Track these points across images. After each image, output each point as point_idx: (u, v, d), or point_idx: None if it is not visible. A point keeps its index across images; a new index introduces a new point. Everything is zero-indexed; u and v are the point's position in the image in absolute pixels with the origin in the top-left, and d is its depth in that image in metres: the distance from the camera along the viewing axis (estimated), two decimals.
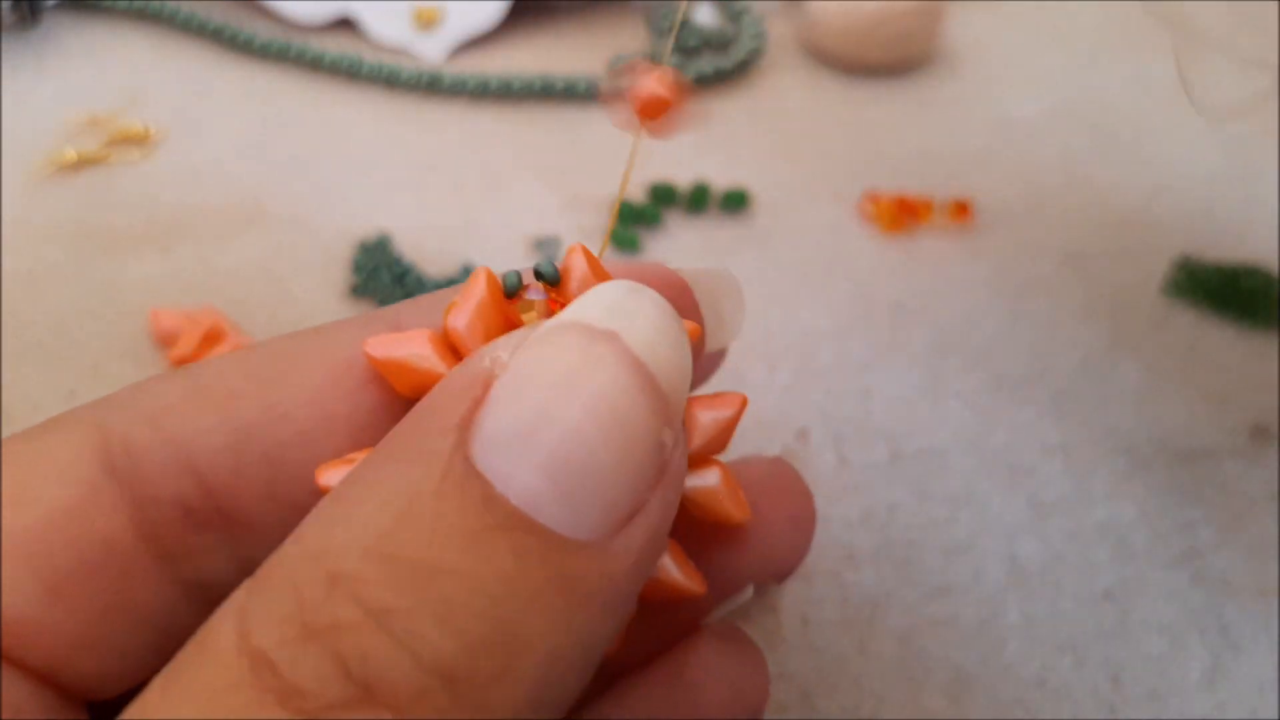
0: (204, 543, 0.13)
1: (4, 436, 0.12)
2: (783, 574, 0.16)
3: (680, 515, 0.13)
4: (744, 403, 0.13)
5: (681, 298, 0.14)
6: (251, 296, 0.28)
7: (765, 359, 0.27)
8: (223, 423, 0.12)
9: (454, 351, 0.12)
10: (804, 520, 0.15)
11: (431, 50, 0.37)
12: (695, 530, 0.14)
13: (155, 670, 0.12)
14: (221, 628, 0.10)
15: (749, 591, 0.16)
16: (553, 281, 0.13)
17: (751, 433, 0.24)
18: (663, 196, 0.31)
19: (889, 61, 0.36)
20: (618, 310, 0.11)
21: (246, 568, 0.13)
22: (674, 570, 0.13)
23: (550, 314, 0.12)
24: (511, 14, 0.38)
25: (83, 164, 0.32)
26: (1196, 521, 0.23)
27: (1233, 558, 0.23)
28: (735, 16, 0.38)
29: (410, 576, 0.10)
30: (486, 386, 0.11)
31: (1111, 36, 0.39)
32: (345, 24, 0.38)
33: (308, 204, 0.31)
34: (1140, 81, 0.37)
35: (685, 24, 0.38)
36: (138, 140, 0.33)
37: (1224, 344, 0.28)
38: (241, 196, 0.31)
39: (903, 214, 0.31)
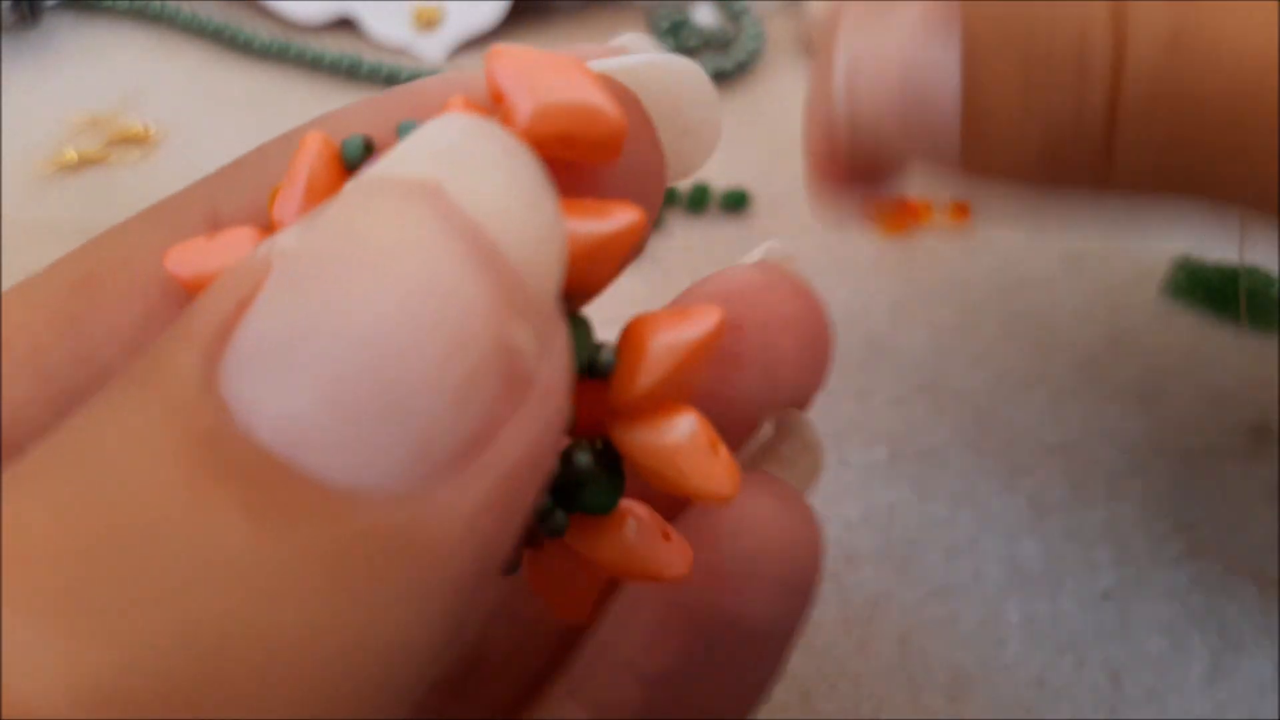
0: None
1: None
2: (802, 399, 0.13)
3: (635, 485, 0.10)
4: (721, 320, 0.10)
5: (635, 114, 0.10)
6: None
7: None
8: (37, 389, 0.10)
9: None
10: (812, 330, 0.12)
11: (432, 50, 0.37)
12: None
13: None
14: None
15: (767, 429, 0.12)
16: None
17: None
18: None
19: None
20: (443, 155, 0.08)
21: None
22: (638, 545, 0.10)
23: None
24: (511, 14, 0.38)
25: (83, 164, 0.32)
26: (1196, 522, 0.23)
27: (1233, 558, 0.23)
28: (735, 16, 0.38)
29: (81, 557, 0.06)
30: (259, 284, 0.07)
31: None
32: (345, 24, 0.38)
33: None
34: None
35: (685, 24, 0.38)
36: (138, 140, 0.33)
37: (1224, 344, 0.28)
38: None
39: (903, 215, 0.31)
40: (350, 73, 0.35)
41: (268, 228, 0.09)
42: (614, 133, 0.09)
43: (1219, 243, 0.30)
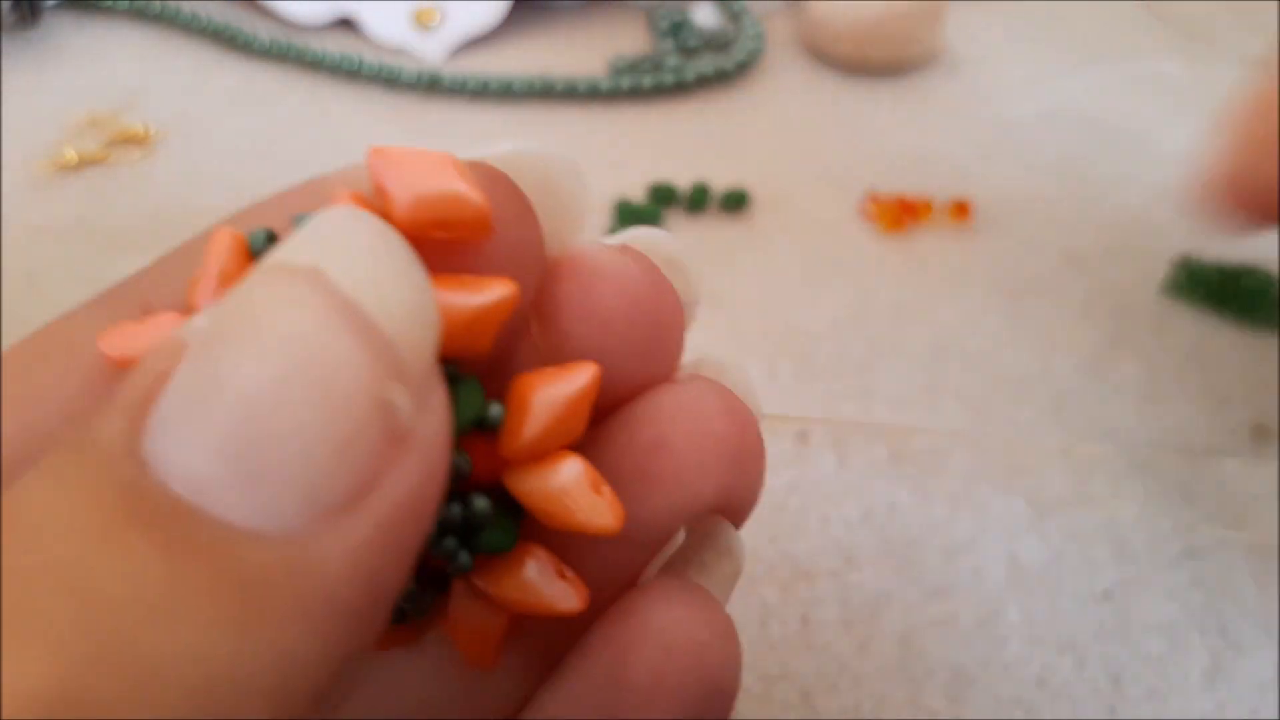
0: None
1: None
2: (735, 511, 0.13)
3: (534, 524, 0.11)
4: (596, 374, 0.10)
5: (508, 193, 0.11)
6: None
7: (765, 359, 0.27)
8: None
9: None
10: (736, 442, 0.12)
11: (431, 50, 0.37)
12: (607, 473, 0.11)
13: None
14: None
15: (679, 537, 0.13)
16: None
17: None
18: (662, 196, 0.31)
19: (889, 62, 0.36)
20: (322, 242, 0.09)
21: None
22: (538, 583, 0.11)
23: None
24: (511, 14, 0.38)
25: (83, 164, 0.32)
26: (1196, 521, 0.23)
27: (1233, 558, 0.23)
28: (735, 16, 0.38)
29: (13, 590, 0.07)
30: (177, 359, 0.08)
31: (1111, 36, 0.40)
32: (345, 24, 0.38)
33: None
34: (1141, 81, 0.37)
35: (685, 24, 0.38)
36: (138, 140, 0.33)
37: (1225, 344, 0.28)
38: (241, 197, 0.31)
39: (903, 214, 0.31)
40: (350, 73, 0.35)
41: (188, 313, 0.10)
42: (480, 214, 0.10)
43: (1219, 242, 0.30)
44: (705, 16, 0.39)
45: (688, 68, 0.36)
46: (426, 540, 0.09)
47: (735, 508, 0.13)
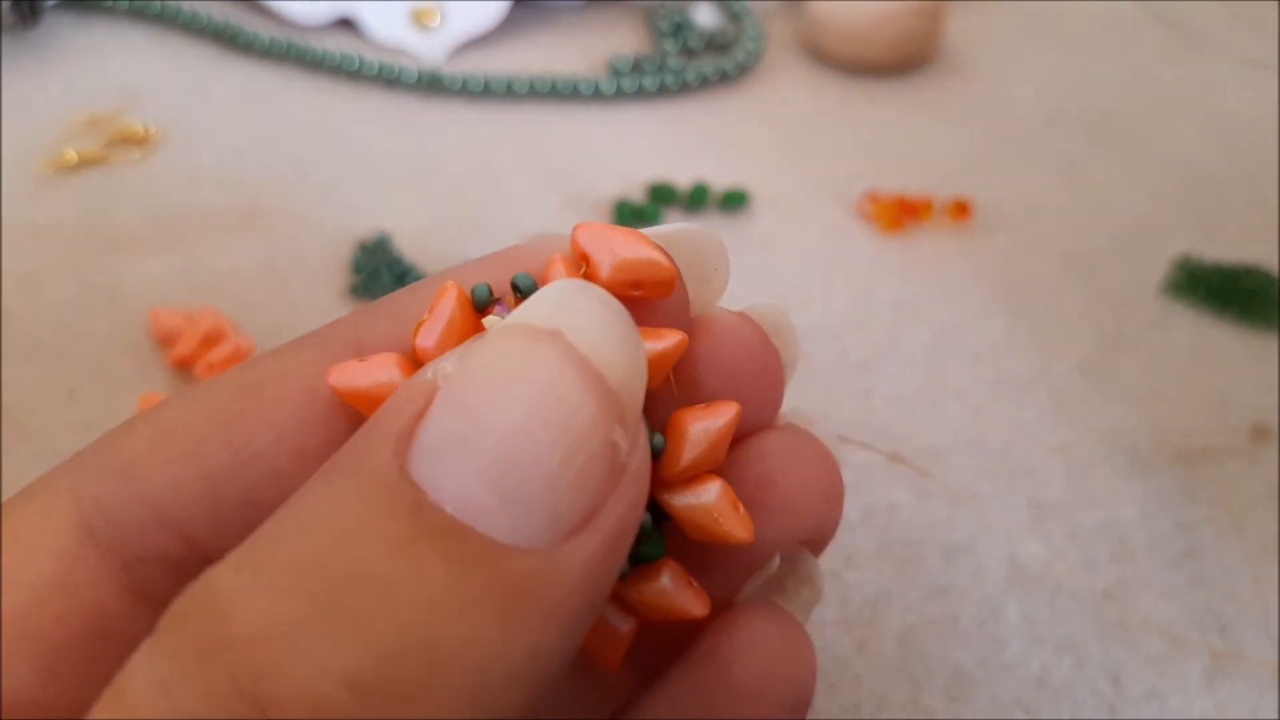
0: None
1: (4, 437, 0.12)
2: (816, 543, 0.15)
3: (677, 536, 0.13)
4: (738, 412, 0.13)
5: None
6: (251, 296, 0.28)
7: None
8: (194, 472, 0.12)
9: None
10: (828, 483, 0.14)
11: (431, 50, 0.37)
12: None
13: None
14: (132, 665, 0.10)
15: (775, 563, 0.15)
16: (529, 294, 0.12)
17: None
18: (662, 196, 0.31)
19: (889, 62, 0.36)
20: (561, 308, 0.11)
21: None
22: (672, 590, 0.13)
23: None
24: (511, 14, 0.38)
25: (83, 164, 0.32)
26: (1196, 522, 0.23)
27: (1233, 558, 0.23)
28: (736, 17, 0.38)
29: (323, 587, 0.09)
30: (430, 397, 0.10)
31: (1110, 37, 0.39)
32: (345, 24, 0.38)
33: (308, 204, 0.31)
34: (1139, 82, 0.37)
35: (687, 24, 0.38)
36: (138, 140, 0.33)
37: (1224, 344, 0.28)
38: (241, 196, 0.31)
39: (902, 214, 0.31)
40: (350, 72, 0.35)
41: (409, 353, 0.12)
42: (669, 276, 0.12)
43: (1218, 243, 0.30)
44: (706, 17, 0.39)
45: (689, 68, 0.36)
46: None
47: (819, 540, 0.15)
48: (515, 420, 0.10)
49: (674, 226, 0.14)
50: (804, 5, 0.37)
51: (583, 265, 0.12)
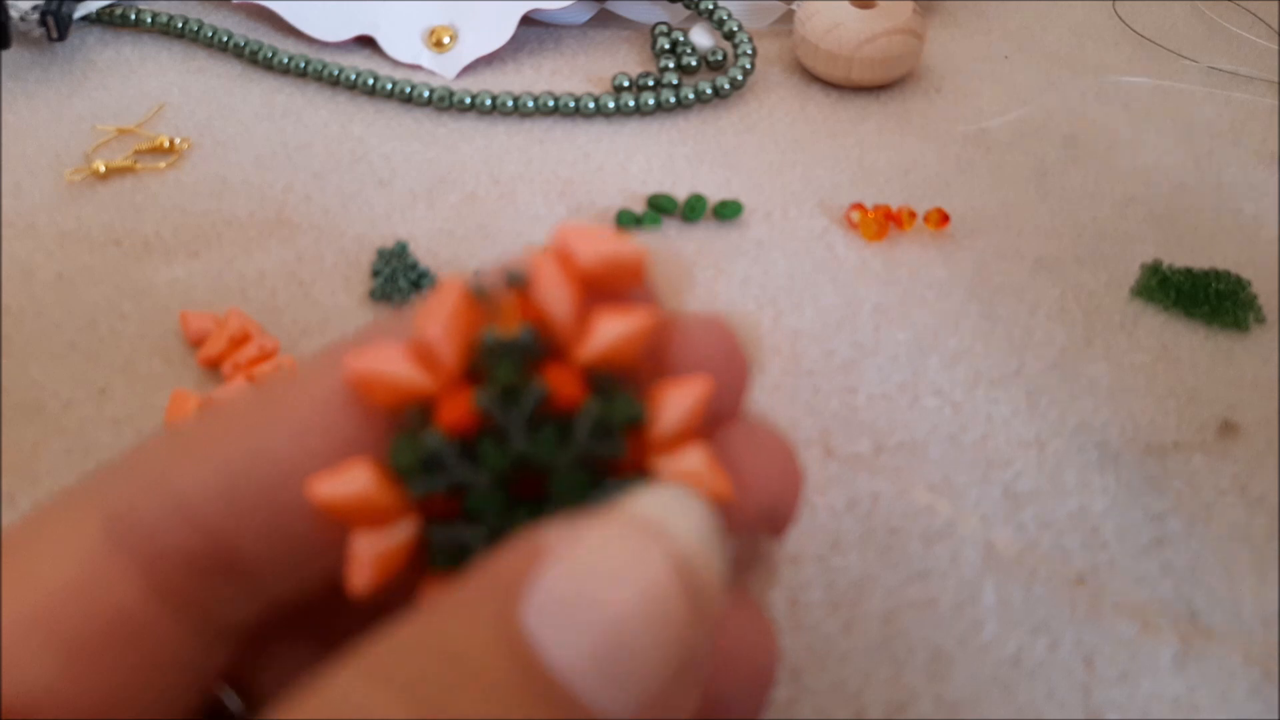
0: (216, 588, 0.12)
1: (37, 433, 0.12)
2: (775, 527, 0.15)
3: None
4: (712, 384, 0.13)
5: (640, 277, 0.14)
6: (276, 300, 0.28)
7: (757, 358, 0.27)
8: (215, 472, 0.12)
9: (428, 359, 0.12)
10: (786, 470, 0.15)
11: (444, 68, 0.37)
12: None
13: (190, 712, 0.12)
14: None
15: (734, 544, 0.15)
16: (522, 285, 0.13)
17: None
18: (661, 206, 0.31)
19: (873, 80, 0.36)
20: (670, 513, 0.11)
21: (263, 604, 0.13)
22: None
23: (518, 316, 0.12)
24: (520, 35, 0.38)
25: (111, 174, 0.32)
26: (1166, 512, 0.23)
27: (1201, 547, 0.23)
28: (729, 35, 0.38)
29: (435, 709, 0.10)
30: (537, 561, 0.11)
31: (1082, 53, 0.39)
32: (365, 42, 0.38)
33: (329, 212, 0.31)
34: (1110, 95, 0.37)
35: (685, 45, 0.38)
36: (164, 152, 0.33)
37: (1194, 344, 0.28)
38: (266, 205, 0.31)
39: (886, 223, 0.31)
40: (369, 88, 0.36)
41: (414, 339, 0.12)
42: (640, 261, 0.13)
43: (1186, 249, 0.30)
44: (702, 38, 0.39)
45: (686, 86, 0.36)
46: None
47: (778, 524, 0.15)
48: (623, 608, 0.10)
49: (641, 242, 0.15)
50: (794, 27, 0.37)
51: (565, 256, 0.13)
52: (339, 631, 0.15)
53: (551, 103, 0.35)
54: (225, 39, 0.37)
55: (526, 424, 0.12)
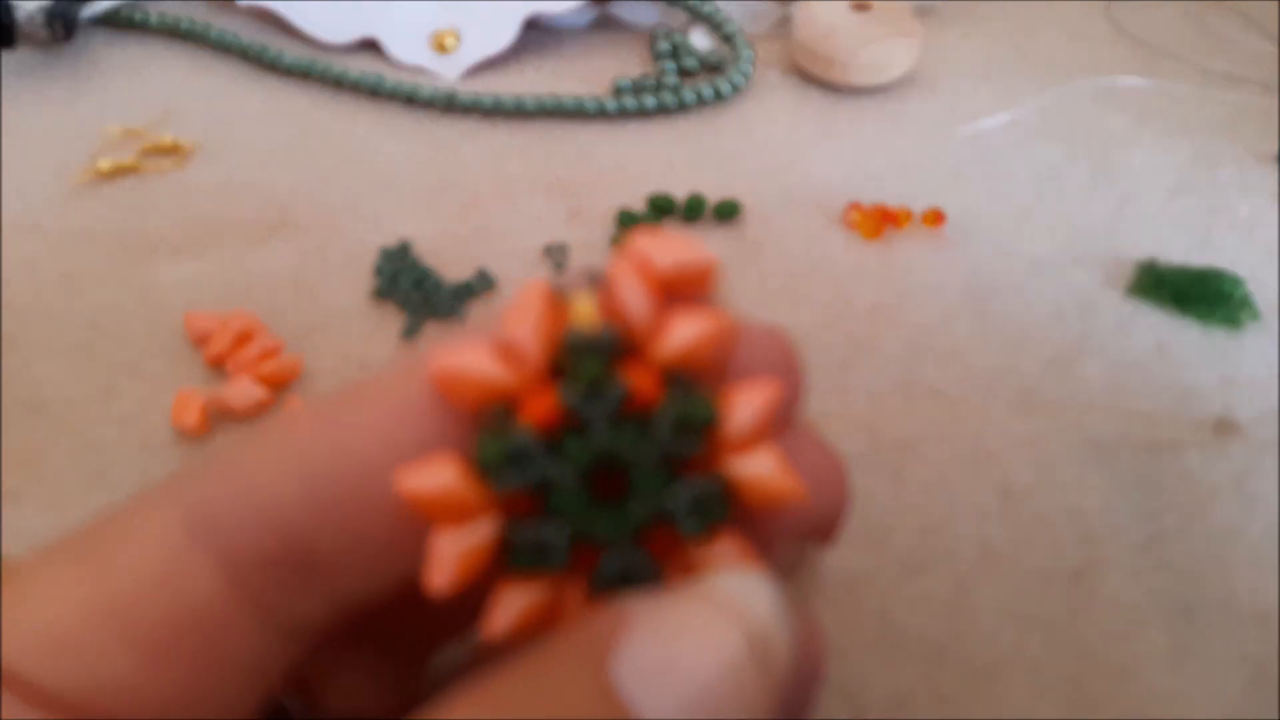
0: (290, 588, 0.12)
1: (44, 431, 0.12)
2: (823, 536, 0.15)
3: (737, 505, 0.13)
4: (780, 386, 0.13)
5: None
6: (280, 300, 0.28)
7: None
8: (294, 470, 0.12)
9: (512, 357, 0.12)
10: (838, 482, 0.15)
11: (448, 71, 0.37)
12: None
13: (254, 713, 0.12)
14: None
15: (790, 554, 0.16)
16: (599, 287, 0.13)
17: None
18: (661, 207, 0.31)
19: (870, 83, 0.36)
20: (746, 594, 0.12)
21: (335, 605, 0.13)
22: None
23: (600, 311, 0.12)
24: (522, 38, 0.38)
25: (117, 175, 0.32)
26: (1160, 509, 0.23)
27: (1194, 544, 0.22)
28: (728, 39, 0.38)
29: None
30: (623, 628, 0.11)
31: (1076, 55, 0.39)
32: (369, 45, 0.38)
33: (333, 213, 0.31)
34: (1104, 96, 0.37)
35: (685, 48, 0.38)
36: (171, 154, 0.33)
37: (1189, 342, 0.27)
38: (270, 206, 0.31)
39: (882, 222, 0.30)
40: (373, 91, 0.35)
41: (496, 337, 0.12)
42: (713, 267, 0.13)
43: (1180, 248, 0.30)
44: (701, 41, 0.39)
45: (686, 89, 0.36)
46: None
47: (827, 534, 0.15)
48: (708, 674, 0.11)
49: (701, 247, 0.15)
50: (791, 30, 0.37)
51: (642, 261, 0.13)
52: (402, 640, 0.15)
53: (553, 105, 0.35)
54: (231, 41, 0.37)
55: (609, 420, 0.12)
